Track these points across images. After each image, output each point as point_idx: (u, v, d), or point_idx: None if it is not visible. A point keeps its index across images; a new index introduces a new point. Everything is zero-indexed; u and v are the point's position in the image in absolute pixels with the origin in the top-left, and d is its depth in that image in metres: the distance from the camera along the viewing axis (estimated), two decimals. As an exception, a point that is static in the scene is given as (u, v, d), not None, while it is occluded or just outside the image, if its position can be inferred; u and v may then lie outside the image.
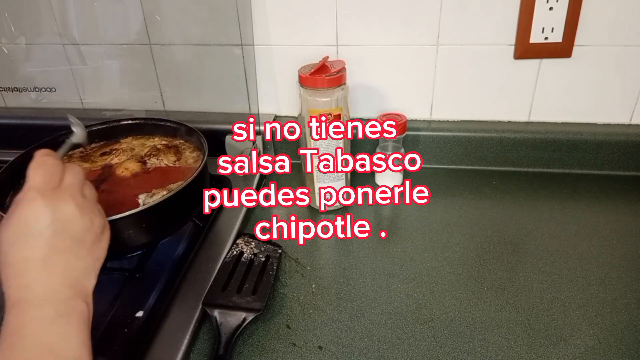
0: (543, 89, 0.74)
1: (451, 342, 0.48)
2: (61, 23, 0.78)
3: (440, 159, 0.78)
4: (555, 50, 0.70)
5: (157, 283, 0.55)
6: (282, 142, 0.80)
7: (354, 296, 0.54)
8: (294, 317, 0.52)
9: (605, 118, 0.75)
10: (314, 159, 0.65)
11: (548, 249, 0.60)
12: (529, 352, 0.47)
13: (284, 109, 0.82)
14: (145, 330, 0.49)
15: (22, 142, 0.67)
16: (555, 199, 0.70)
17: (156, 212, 0.53)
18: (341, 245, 0.63)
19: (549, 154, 0.75)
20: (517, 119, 0.77)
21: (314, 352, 0.48)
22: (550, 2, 0.66)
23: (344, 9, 0.71)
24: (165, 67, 0.79)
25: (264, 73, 0.78)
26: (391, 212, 0.70)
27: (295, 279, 0.57)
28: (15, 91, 0.85)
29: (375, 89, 0.77)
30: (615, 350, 0.47)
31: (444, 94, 0.76)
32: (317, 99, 0.61)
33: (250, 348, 0.49)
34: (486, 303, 0.53)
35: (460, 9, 0.69)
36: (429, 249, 0.61)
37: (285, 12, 0.72)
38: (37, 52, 0.81)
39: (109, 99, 0.84)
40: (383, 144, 0.73)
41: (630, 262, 0.58)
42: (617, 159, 0.74)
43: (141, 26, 0.76)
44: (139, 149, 0.68)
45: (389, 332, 0.50)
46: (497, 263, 0.58)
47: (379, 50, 0.73)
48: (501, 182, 0.74)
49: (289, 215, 0.69)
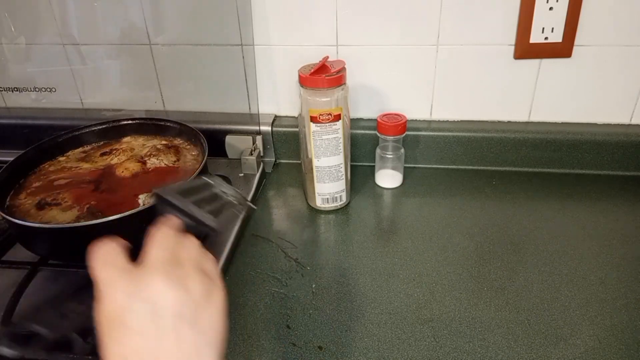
0: (543, 89, 0.74)
1: (451, 342, 0.48)
2: (61, 23, 0.78)
3: (440, 159, 0.78)
4: (555, 50, 0.70)
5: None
6: (282, 142, 0.80)
7: (354, 296, 0.54)
8: (294, 317, 0.52)
9: (605, 118, 0.75)
10: (313, 158, 0.65)
11: (548, 249, 0.60)
12: (529, 352, 0.47)
13: (284, 109, 0.82)
14: (145, 330, 0.49)
15: (22, 142, 0.67)
16: (555, 199, 0.70)
17: (156, 212, 0.52)
18: (341, 245, 0.63)
19: (549, 154, 0.75)
20: (517, 119, 0.77)
21: (314, 352, 0.48)
22: (550, 2, 0.66)
23: (344, 9, 0.71)
24: (165, 67, 0.79)
25: (264, 73, 0.78)
26: (391, 212, 0.70)
27: (295, 279, 0.57)
28: (15, 91, 0.85)
29: (375, 89, 0.77)
30: (615, 350, 0.47)
31: (444, 94, 0.76)
32: (317, 99, 0.61)
33: (251, 348, 0.49)
34: (486, 303, 0.53)
35: (460, 9, 0.69)
36: (429, 249, 0.61)
37: (285, 12, 0.72)
38: (37, 52, 0.81)
39: (109, 99, 0.84)
40: (383, 144, 0.73)
41: (630, 262, 0.58)
42: (617, 159, 0.74)
43: (141, 26, 0.76)
44: (138, 149, 0.68)
45: (389, 332, 0.50)
46: (497, 263, 0.58)
47: (379, 50, 0.73)
48: (501, 182, 0.74)
49: (289, 215, 0.69)
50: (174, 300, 0.30)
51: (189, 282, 0.31)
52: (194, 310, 0.30)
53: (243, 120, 0.80)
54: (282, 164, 0.82)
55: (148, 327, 0.28)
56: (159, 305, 0.29)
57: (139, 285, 0.30)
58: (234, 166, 0.77)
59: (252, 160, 0.75)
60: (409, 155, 0.78)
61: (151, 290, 0.30)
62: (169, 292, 0.30)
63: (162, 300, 0.29)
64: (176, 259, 0.32)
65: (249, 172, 0.75)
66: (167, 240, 0.34)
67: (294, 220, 0.68)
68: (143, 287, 0.30)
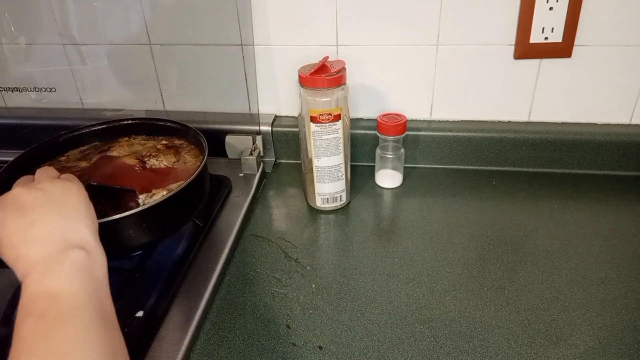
0: (543, 89, 0.74)
1: (451, 342, 0.48)
2: (61, 23, 0.78)
3: (440, 159, 0.78)
4: (555, 50, 0.70)
5: (157, 283, 0.55)
6: (282, 142, 0.80)
7: (354, 296, 0.54)
8: (294, 317, 0.52)
9: (605, 118, 0.75)
10: (313, 158, 0.65)
11: (548, 249, 0.60)
12: (529, 352, 0.47)
13: (284, 109, 0.82)
14: (145, 330, 0.49)
15: (22, 142, 0.67)
16: (555, 199, 0.70)
17: (156, 212, 0.53)
18: (341, 245, 0.63)
19: (549, 154, 0.75)
20: (517, 119, 0.77)
21: (314, 352, 0.48)
22: (550, 2, 0.66)
23: (344, 9, 0.71)
24: (165, 67, 0.79)
25: (264, 73, 0.78)
26: (391, 212, 0.70)
27: (295, 279, 0.57)
28: (15, 91, 0.85)
29: (375, 89, 0.77)
30: (615, 350, 0.47)
31: (444, 94, 0.76)
32: (317, 99, 0.61)
33: (251, 348, 0.49)
34: (486, 303, 0.53)
35: (460, 9, 0.69)
36: (429, 249, 0.61)
37: (285, 12, 0.72)
38: (37, 52, 0.81)
39: (109, 99, 0.84)
40: (383, 144, 0.73)
41: (630, 262, 0.58)
42: (617, 159, 0.74)
43: (141, 26, 0.76)
44: (138, 149, 0.68)
45: (389, 332, 0.50)
46: (497, 263, 0.58)
47: (379, 50, 0.73)
48: (501, 182, 0.74)
49: (289, 215, 0.69)
50: (31, 196, 0.40)
51: (45, 186, 0.42)
52: (53, 200, 0.41)
53: (243, 120, 0.80)
54: (282, 164, 0.82)
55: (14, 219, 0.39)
56: (21, 203, 0.40)
57: (4, 199, 0.41)
58: (234, 166, 0.77)
59: (252, 160, 0.75)
60: (409, 155, 0.78)
61: (14, 195, 0.41)
62: (27, 194, 0.41)
63: (23, 199, 0.40)
64: (35, 180, 0.45)
65: (249, 172, 0.75)
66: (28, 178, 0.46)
67: (294, 220, 0.68)
68: (9, 198, 0.41)
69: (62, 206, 0.41)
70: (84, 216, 0.41)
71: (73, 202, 0.42)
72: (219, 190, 0.70)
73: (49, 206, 0.40)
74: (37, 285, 0.35)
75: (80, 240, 0.39)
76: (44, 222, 0.39)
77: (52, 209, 0.40)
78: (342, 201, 0.69)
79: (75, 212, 0.41)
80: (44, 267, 0.36)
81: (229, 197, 0.70)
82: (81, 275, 0.36)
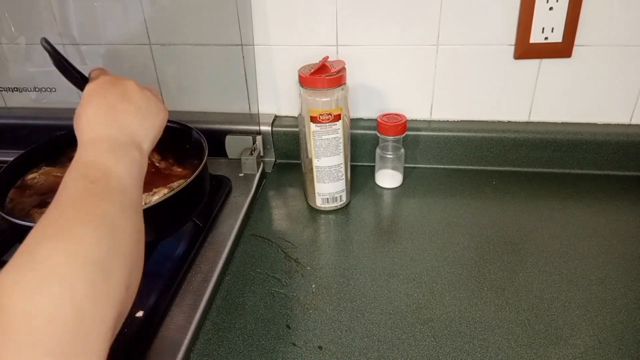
0: (543, 89, 0.74)
1: (451, 342, 0.48)
2: (61, 23, 0.78)
3: (440, 159, 0.78)
4: (555, 50, 0.70)
5: (157, 283, 0.55)
6: (282, 142, 0.80)
7: (354, 296, 0.54)
8: (294, 317, 0.52)
9: (605, 118, 0.75)
10: (313, 158, 0.65)
11: (548, 249, 0.60)
12: (529, 352, 0.47)
13: (284, 109, 0.82)
14: (145, 330, 0.49)
15: (22, 142, 0.67)
16: (555, 199, 0.70)
17: (156, 212, 0.53)
18: (341, 245, 0.63)
19: (549, 154, 0.75)
20: (517, 119, 0.77)
21: (314, 352, 0.48)
22: (550, 2, 0.66)
23: (344, 9, 0.71)
24: (165, 67, 0.79)
25: (264, 73, 0.78)
26: (391, 212, 0.70)
27: (295, 279, 0.57)
28: (15, 91, 0.85)
29: (375, 89, 0.77)
30: (615, 350, 0.47)
31: (444, 94, 0.76)
32: (317, 99, 0.61)
33: (251, 348, 0.49)
34: (486, 303, 0.53)
35: (460, 9, 0.69)
36: (429, 249, 0.61)
37: (285, 12, 0.72)
38: (37, 52, 0.81)
39: (109, 99, 0.84)
40: (383, 144, 0.73)
41: (630, 262, 0.58)
42: (617, 159, 0.74)
43: (141, 26, 0.76)
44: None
45: (389, 332, 0.50)
46: (497, 263, 0.58)
47: (379, 50, 0.73)
48: (501, 182, 0.74)
49: (289, 215, 0.69)
50: (139, 97, 0.48)
51: (148, 95, 0.49)
52: (146, 105, 0.48)
53: (243, 120, 0.80)
54: (282, 164, 0.82)
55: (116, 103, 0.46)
56: (128, 92, 0.47)
57: (125, 81, 0.49)
58: (234, 166, 0.77)
59: (252, 160, 0.75)
60: (409, 155, 0.78)
61: (128, 83, 0.49)
62: (137, 92, 0.48)
63: (132, 89, 0.48)
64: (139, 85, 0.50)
65: (249, 172, 0.75)
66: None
67: (294, 220, 0.68)
68: (128, 82, 0.49)
69: (149, 114, 0.48)
70: (158, 132, 0.49)
71: (157, 119, 0.49)
72: (219, 190, 0.70)
73: (142, 109, 0.47)
74: (99, 157, 0.40)
75: (143, 144, 0.45)
76: (130, 117, 0.45)
77: (141, 113, 0.47)
78: (342, 201, 0.69)
79: (153, 125, 0.48)
80: (110, 146, 0.41)
81: (229, 197, 0.70)
82: (135, 169, 0.41)
